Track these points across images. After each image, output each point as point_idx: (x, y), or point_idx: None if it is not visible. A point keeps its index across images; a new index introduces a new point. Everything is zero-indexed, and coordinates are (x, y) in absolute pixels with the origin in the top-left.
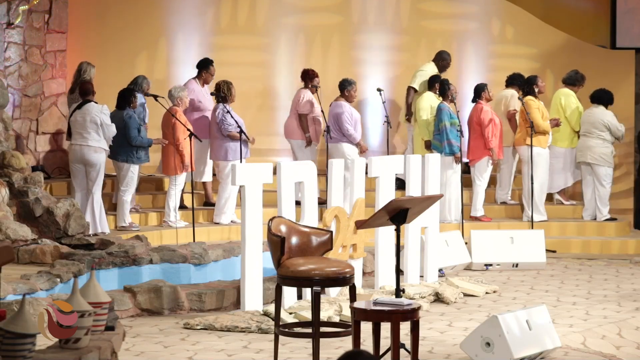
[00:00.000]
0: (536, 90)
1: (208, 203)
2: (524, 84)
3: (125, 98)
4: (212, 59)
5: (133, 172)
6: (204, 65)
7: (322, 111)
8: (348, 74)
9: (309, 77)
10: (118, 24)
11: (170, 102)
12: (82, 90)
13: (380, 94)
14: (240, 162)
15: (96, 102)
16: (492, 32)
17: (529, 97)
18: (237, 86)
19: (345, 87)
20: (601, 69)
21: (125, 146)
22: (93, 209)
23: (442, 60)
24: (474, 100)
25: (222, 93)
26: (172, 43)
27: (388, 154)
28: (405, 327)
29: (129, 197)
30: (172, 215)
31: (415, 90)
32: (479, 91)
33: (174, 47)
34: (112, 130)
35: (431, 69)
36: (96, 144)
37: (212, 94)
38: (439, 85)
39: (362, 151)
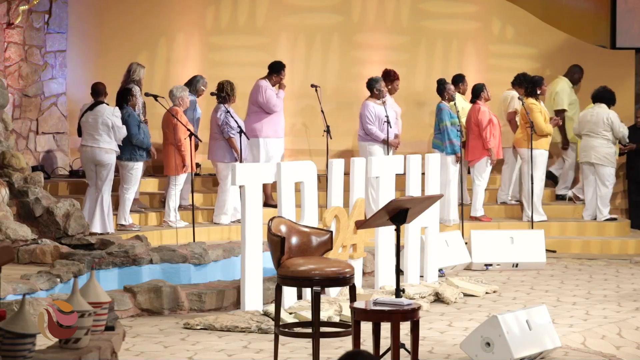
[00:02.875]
0: (539, 92)
1: (268, 204)
2: (528, 84)
3: (124, 97)
4: (284, 64)
5: (136, 170)
6: (276, 69)
7: (322, 111)
8: (348, 74)
9: (390, 78)
10: (118, 24)
11: (171, 102)
12: (94, 91)
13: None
14: (240, 162)
15: (107, 104)
16: (492, 32)
17: (531, 100)
18: (237, 86)
19: (374, 86)
20: (601, 69)
21: (127, 145)
22: (102, 208)
23: (573, 74)
24: (472, 101)
25: (225, 93)
26: (172, 43)
27: (388, 154)
28: (405, 327)
29: (131, 196)
30: (172, 215)
31: (565, 110)
32: (478, 92)
33: (174, 47)
34: (123, 132)
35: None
36: (107, 146)
37: (212, 93)
38: (437, 85)
39: (394, 147)
